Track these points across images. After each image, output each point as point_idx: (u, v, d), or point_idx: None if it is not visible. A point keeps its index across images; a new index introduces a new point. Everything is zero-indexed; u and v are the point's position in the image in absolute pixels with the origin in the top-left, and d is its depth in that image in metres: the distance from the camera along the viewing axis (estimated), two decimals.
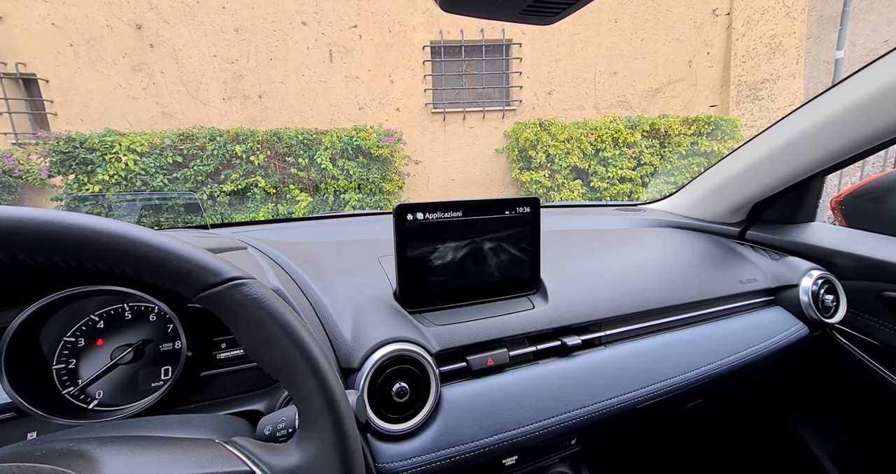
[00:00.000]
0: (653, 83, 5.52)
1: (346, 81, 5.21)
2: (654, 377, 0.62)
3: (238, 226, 0.84)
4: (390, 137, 4.58)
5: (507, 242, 0.63)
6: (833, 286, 0.81)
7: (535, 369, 0.59)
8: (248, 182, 4.37)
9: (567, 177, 4.85)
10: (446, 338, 0.56)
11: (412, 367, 0.51)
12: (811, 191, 0.91)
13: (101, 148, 4.00)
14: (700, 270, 0.80)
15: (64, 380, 0.45)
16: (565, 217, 1.07)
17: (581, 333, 0.64)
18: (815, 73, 6.28)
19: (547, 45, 5.33)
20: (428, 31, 5.19)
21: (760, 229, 0.96)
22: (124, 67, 4.83)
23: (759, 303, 0.81)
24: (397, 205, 0.57)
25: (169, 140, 4.19)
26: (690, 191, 1.08)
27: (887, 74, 0.67)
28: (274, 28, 5.06)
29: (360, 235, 0.82)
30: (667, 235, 0.95)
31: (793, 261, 0.84)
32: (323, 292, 0.58)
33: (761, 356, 0.71)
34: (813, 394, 0.95)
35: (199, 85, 5.04)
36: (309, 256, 0.66)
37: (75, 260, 0.27)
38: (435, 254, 0.59)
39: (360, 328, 0.53)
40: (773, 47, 5.47)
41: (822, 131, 0.77)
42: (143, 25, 4.80)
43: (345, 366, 0.50)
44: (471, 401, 0.53)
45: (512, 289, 0.65)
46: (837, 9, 5.73)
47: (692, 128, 4.88)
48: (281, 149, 4.43)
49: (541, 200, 0.65)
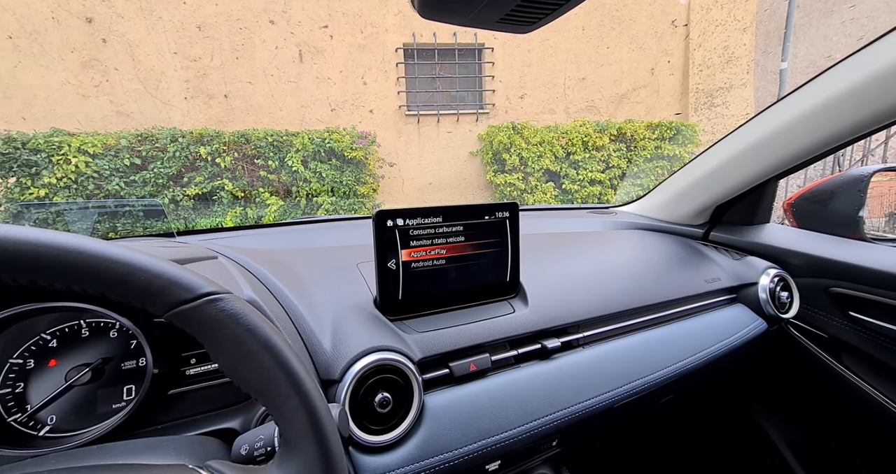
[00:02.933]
0: (619, 89, 5.75)
1: (317, 82, 5.10)
2: (630, 376, 0.64)
3: (207, 233, 0.80)
4: (364, 140, 4.52)
5: (486, 247, 0.63)
6: (787, 283, 0.87)
7: (516, 373, 0.59)
8: (214, 185, 4.18)
9: (540, 179, 4.96)
10: (428, 345, 0.56)
11: (394, 376, 0.50)
12: (766, 194, 0.97)
13: (46, 149, 3.70)
14: (669, 271, 0.84)
15: (10, 407, 0.41)
16: (541, 220, 1.10)
17: (560, 335, 0.65)
18: (763, 82, 6.77)
19: (518, 50, 5.44)
20: (401, 34, 5.17)
21: (722, 230, 1.02)
22: (73, 63, 4.51)
23: (723, 301, 0.86)
24: (377, 211, 0.56)
25: (125, 141, 3.94)
26: (658, 195, 1.13)
27: (831, 87, 0.73)
28: (239, 26, 4.89)
29: (338, 241, 0.80)
30: (637, 237, 0.99)
31: (752, 260, 0.90)
32: (300, 302, 0.56)
33: (726, 352, 0.75)
34: (771, 386, 1.02)
35: (159, 83, 4.78)
36: (284, 264, 0.64)
37: (27, 279, 0.25)
38: (415, 260, 0.59)
39: (339, 338, 0.52)
40: (726, 57, 5.85)
41: (775, 139, 0.82)
42: (94, 19, 4.50)
43: (325, 378, 0.48)
44: (454, 408, 0.53)
45: (492, 293, 0.66)
46: (781, 24, 6.21)
47: (656, 133, 5.12)
48: (249, 151, 4.27)
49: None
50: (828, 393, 0.90)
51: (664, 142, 5.15)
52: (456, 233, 0.61)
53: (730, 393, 1.07)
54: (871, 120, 0.69)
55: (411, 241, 0.58)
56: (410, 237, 0.58)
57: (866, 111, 0.68)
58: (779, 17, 6.51)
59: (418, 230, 0.58)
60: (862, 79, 0.67)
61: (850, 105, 0.69)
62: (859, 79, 0.67)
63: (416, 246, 0.58)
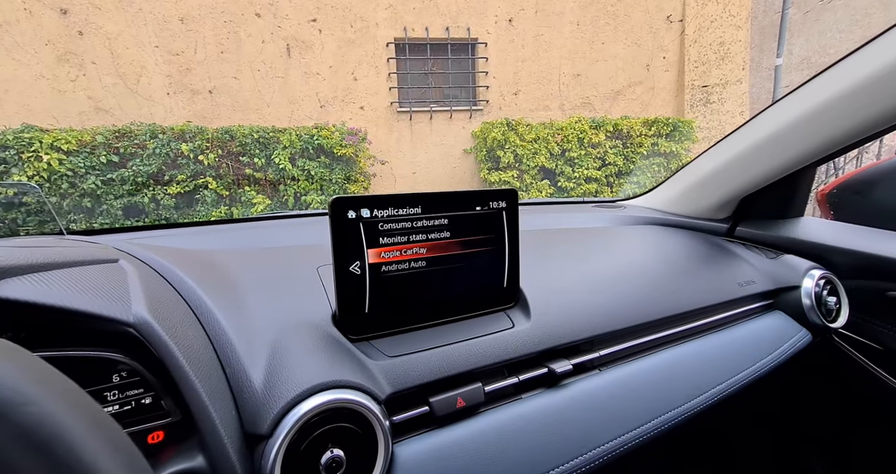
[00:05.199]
0: (614, 85, 5.66)
1: (305, 78, 4.94)
2: (660, 407, 0.51)
3: (131, 232, 0.65)
4: (354, 136, 4.37)
5: (478, 245, 0.50)
6: (835, 286, 0.75)
7: (517, 407, 0.46)
8: (197, 183, 4.00)
9: (535, 177, 4.85)
10: (401, 375, 0.42)
11: (351, 425, 0.36)
12: (802, 184, 0.85)
13: (16, 145, 3.51)
14: (694, 273, 0.71)
15: None
16: (540, 215, 0.96)
17: (570, 356, 0.52)
18: (758, 78, 6.72)
19: (512, 45, 5.32)
20: (391, 28, 5.03)
21: (750, 225, 0.89)
22: (47, 56, 4.30)
23: (758, 308, 0.73)
24: (334, 198, 0.42)
25: (102, 137, 3.76)
26: (672, 186, 1.00)
27: (888, 53, 0.60)
28: (224, 19, 4.71)
29: (298, 240, 0.66)
30: (653, 233, 0.86)
31: (791, 259, 0.77)
32: (228, 317, 0.42)
33: (770, 369, 0.62)
34: (813, 409, 0.88)
35: (139, 78, 4.58)
36: (216, 268, 0.50)
37: None
38: (386, 261, 0.45)
39: (276, 370, 0.38)
40: (721, 54, 5.78)
41: (816, 117, 0.70)
42: (69, 10, 4.30)
43: (250, 431, 0.34)
44: (436, 462, 0.39)
45: (485, 303, 0.52)
46: (776, 20, 6.17)
47: (652, 130, 5.03)
48: (234, 147, 4.10)
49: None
50: (883, 417, 0.77)
51: (661, 138, 5.06)
52: (439, 227, 0.47)
53: (765, 420, 0.92)
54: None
55: (381, 238, 0.44)
56: (380, 232, 0.44)
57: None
58: (773, 12, 6.46)
59: (390, 223, 0.45)
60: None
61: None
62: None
63: (388, 243, 0.45)
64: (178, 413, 0.34)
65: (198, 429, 0.32)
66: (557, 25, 5.38)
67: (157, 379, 0.34)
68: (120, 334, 0.33)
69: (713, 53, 5.78)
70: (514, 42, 5.32)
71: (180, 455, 0.32)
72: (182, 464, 0.32)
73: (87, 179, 3.72)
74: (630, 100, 5.72)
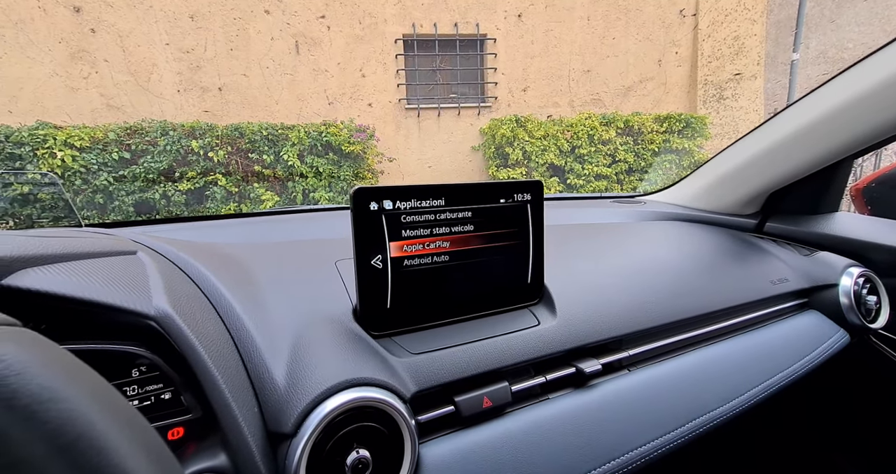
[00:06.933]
0: (625, 81, 5.56)
1: (314, 75, 4.93)
2: (696, 408, 0.48)
3: (146, 225, 0.64)
4: (362, 133, 4.36)
5: (502, 239, 0.48)
6: (875, 285, 0.71)
7: (544, 408, 0.44)
8: (207, 180, 4.03)
9: (544, 174, 4.80)
10: (426, 373, 0.40)
11: (377, 425, 0.34)
12: (837, 178, 0.81)
13: (31, 142, 3.56)
14: (724, 270, 0.68)
15: None
16: (559, 210, 0.94)
17: (599, 355, 0.50)
18: (774, 73, 6.58)
19: (521, 41, 5.26)
20: (400, 24, 5.00)
21: (780, 220, 0.86)
22: (61, 54, 4.35)
23: (792, 306, 0.70)
24: (356, 188, 0.40)
25: (114, 134, 3.79)
26: (696, 181, 0.97)
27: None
28: (234, 16, 4.72)
29: (316, 234, 0.65)
30: (676, 229, 0.83)
31: (826, 257, 0.74)
32: (248, 311, 0.40)
33: (807, 371, 0.59)
34: (850, 414, 0.84)
35: (150, 75, 4.62)
36: (234, 261, 0.48)
37: None
38: (409, 255, 0.43)
39: (299, 366, 0.36)
40: (736, 48, 5.65)
41: (856, 106, 0.66)
42: (81, 8, 4.34)
43: (273, 430, 0.33)
44: (462, 465, 0.37)
45: (509, 299, 0.50)
46: (793, 13, 6.02)
47: (664, 126, 4.95)
48: (243, 144, 4.12)
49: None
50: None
51: (673, 135, 4.97)
52: (463, 220, 0.46)
53: (797, 426, 0.88)
54: None
55: (404, 231, 0.43)
56: (402, 225, 0.42)
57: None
58: (790, 6, 6.30)
59: (413, 216, 0.43)
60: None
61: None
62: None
63: (410, 236, 0.43)
64: (198, 409, 0.33)
65: (220, 427, 0.31)
66: (567, 20, 5.31)
67: (178, 374, 0.32)
68: (140, 327, 0.31)
69: (727, 48, 5.65)
70: (524, 38, 5.26)
71: (202, 453, 0.31)
72: (204, 463, 0.30)
73: (100, 176, 3.77)
74: (641, 96, 5.63)
